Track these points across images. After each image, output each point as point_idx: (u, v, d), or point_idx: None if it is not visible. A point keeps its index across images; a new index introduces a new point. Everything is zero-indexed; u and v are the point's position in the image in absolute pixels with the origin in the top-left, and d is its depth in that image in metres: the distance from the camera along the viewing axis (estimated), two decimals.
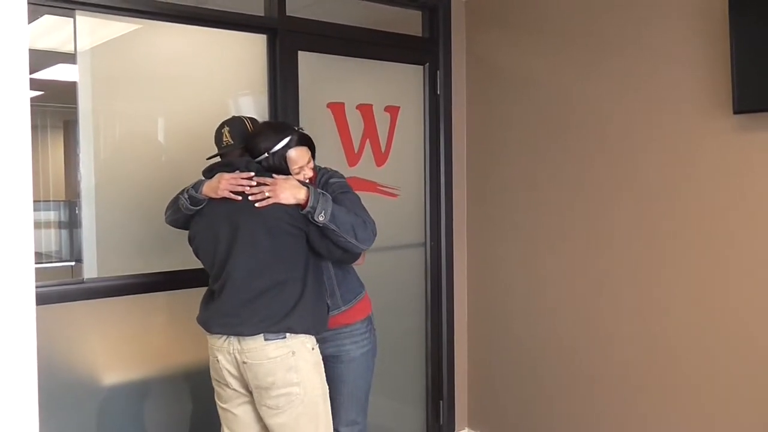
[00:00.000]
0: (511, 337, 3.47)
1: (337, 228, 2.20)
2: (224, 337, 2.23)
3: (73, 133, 2.63)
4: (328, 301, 2.41)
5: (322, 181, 2.41)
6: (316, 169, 2.43)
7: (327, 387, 2.32)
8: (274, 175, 2.25)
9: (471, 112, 3.62)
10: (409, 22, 3.57)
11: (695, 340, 2.73)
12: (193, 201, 2.28)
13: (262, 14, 3.01)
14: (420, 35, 3.60)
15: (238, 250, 2.21)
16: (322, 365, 2.32)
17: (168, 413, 2.84)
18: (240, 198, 2.23)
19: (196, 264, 2.41)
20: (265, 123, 2.48)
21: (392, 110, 3.46)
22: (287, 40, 3.01)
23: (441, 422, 3.66)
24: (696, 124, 2.70)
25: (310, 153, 2.38)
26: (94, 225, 2.65)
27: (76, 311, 2.61)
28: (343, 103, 3.24)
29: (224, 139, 2.31)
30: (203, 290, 2.48)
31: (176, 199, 2.36)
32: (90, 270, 2.64)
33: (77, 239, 2.69)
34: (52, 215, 4.16)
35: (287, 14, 3.01)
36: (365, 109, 3.35)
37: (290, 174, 2.31)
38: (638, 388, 2.93)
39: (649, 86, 2.84)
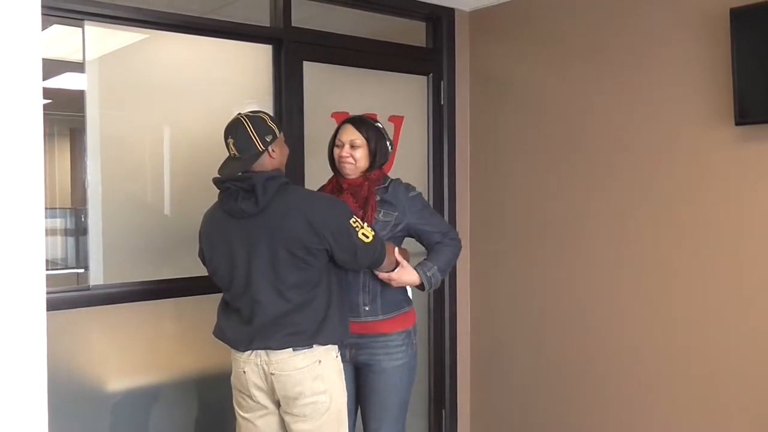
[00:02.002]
0: (513, 346, 3.47)
1: (445, 275, 2.50)
2: (250, 350, 2.22)
3: (80, 141, 2.66)
4: (367, 307, 2.42)
5: (398, 191, 2.46)
6: (383, 177, 2.49)
7: (347, 394, 2.33)
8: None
9: (474, 122, 3.64)
10: (414, 33, 3.60)
11: (699, 348, 2.74)
12: None
13: (268, 25, 3.04)
14: (424, 46, 3.62)
15: (260, 273, 2.17)
16: (344, 373, 2.31)
17: (175, 420, 2.85)
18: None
19: (202, 271, 2.41)
20: None
21: (396, 120, 3.48)
22: (292, 51, 3.04)
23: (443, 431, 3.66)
24: (698, 135, 2.71)
25: (360, 135, 2.43)
26: (100, 232, 2.67)
27: (82, 318, 2.63)
28: (347, 113, 3.26)
29: (231, 152, 2.20)
30: (209, 297, 2.49)
31: None
32: (96, 277, 2.65)
33: (84, 246, 2.71)
34: (58, 222, 4.18)
35: (293, 25, 3.04)
36: None
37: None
38: (643, 398, 2.93)
39: (652, 98, 2.86)
